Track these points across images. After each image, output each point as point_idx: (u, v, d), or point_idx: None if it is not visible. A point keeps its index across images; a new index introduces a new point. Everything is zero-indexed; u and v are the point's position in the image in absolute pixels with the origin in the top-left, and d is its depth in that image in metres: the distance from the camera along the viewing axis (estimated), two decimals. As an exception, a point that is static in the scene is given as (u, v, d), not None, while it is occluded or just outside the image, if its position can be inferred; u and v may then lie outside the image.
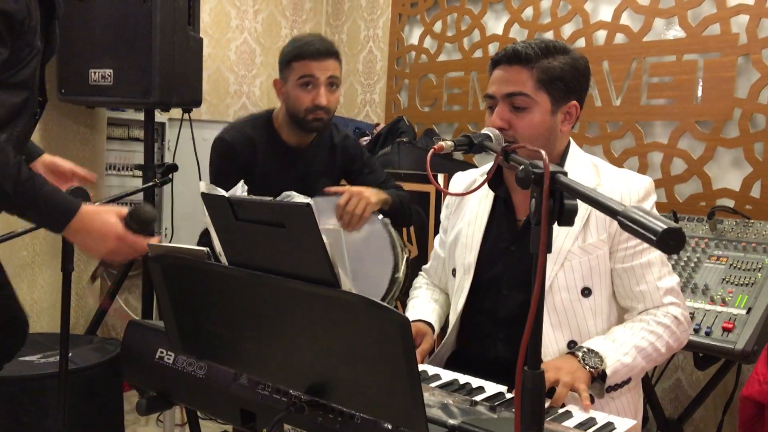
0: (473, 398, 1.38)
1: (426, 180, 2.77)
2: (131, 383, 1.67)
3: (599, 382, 1.54)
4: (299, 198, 1.11)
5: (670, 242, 0.81)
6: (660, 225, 0.81)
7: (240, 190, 1.26)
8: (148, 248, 1.39)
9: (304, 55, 2.25)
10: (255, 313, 1.26)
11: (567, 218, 1.00)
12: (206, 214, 1.27)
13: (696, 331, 2.14)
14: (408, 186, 3.06)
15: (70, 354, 2.60)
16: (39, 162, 1.94)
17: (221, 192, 1.21)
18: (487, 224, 1.78)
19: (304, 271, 1.15)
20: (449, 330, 1.81)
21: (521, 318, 0.99)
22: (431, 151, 1.43)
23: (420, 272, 2.09)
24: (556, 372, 1.47)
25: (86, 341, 2.86)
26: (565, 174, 0.99)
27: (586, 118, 3.07)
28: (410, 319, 1.82)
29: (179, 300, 1.39)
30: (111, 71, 2.83)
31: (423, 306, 1.91)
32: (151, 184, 2.43)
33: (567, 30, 3.17)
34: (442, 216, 1.96)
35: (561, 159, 1.73)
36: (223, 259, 1.30)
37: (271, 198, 1.23)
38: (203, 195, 1.24)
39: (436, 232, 2.02)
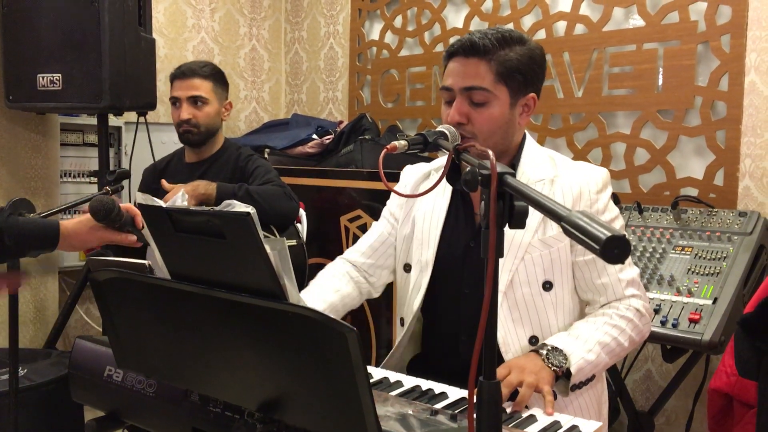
0: (434, 406, 1.33)
1: (389, 179, 2.71)
2: (81, 402, 1.60)
3: (564, 380, 1.51)
4: (240, 207, 1.05)
5: (614, 250, 0.76)
6: (604, 232, 0.76)
7: (180, 200, 1.20)
8: (88, 262, 1.32)
9: (172, 79, 2.69)
10: (199, 327, 1.20)
11: (518, 220, 0.95)
12: (145, 226, 1.20)
13: (663, 323, 2.12)
14: (371, 185, 3.02)
15: (25, 370, 2.53)
16: None
17: (159, 202, 1.15)
18: (445, 219, 1.72)
19: (248, 282, 1.10)
20: (405, 328, 1.75)
21: None
22: (383, 151, 1.38)
23: (339, 257, 1.89)
24: (520, 372, 1.43)
25: (44, 356, 2.77)
26: (513, 175, 0.95)
27: (549, 110, 3.04)
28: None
29: (122, 315, 1.32)
30: (59, 76, 2.73)
31: (317, 292, 1.75)
32: (102, 192, 2.34)
33: (527, 21, 3.13)
34: (393, 204, 1.84)
35: (517, 152, 1.68)
36: (166, 272, 1.24)
37: (210, 207, 1.17)
38: (140, 206, 1.18)
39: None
